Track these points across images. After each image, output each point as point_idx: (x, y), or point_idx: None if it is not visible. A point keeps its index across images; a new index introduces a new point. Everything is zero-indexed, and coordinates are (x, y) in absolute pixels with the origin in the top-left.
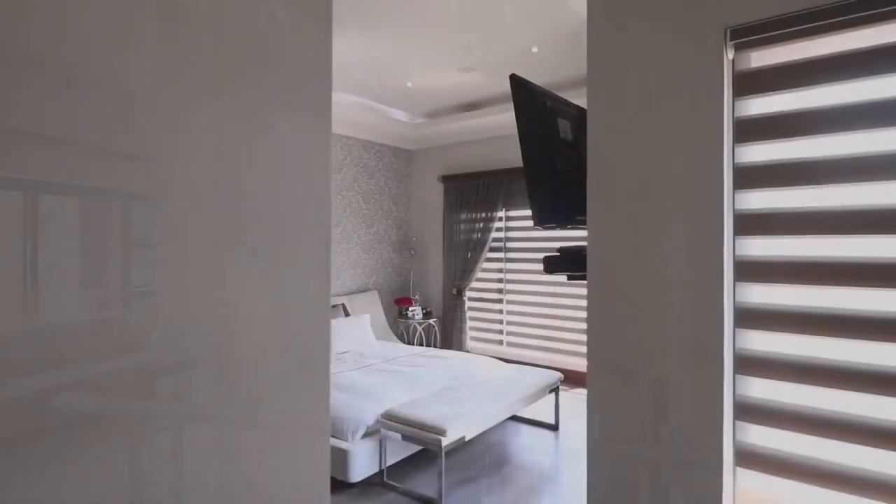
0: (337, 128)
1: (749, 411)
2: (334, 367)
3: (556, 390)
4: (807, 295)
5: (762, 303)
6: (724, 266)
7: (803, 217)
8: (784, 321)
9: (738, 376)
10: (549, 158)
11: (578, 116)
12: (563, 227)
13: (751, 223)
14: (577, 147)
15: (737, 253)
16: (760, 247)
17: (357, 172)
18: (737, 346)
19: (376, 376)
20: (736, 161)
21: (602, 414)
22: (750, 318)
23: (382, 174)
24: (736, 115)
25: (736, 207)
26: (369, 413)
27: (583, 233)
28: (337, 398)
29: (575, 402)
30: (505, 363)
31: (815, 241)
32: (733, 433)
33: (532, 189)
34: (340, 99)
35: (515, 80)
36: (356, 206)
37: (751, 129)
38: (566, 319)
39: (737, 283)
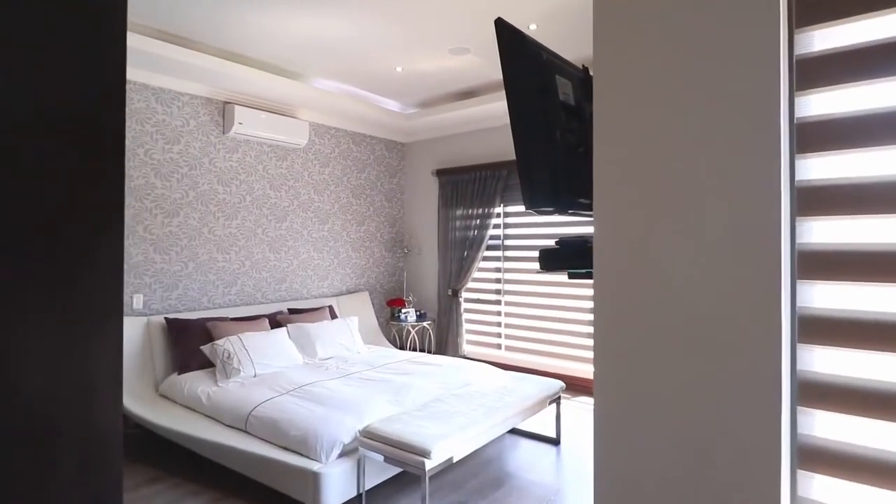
0: (325, 118)
1: (816, 458)
2: (313, 376)
3: (557, 401)
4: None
5: (835, 309)
6: (782, 258)
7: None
8: (870, 335)
9: (800, 409)
10: (546, 124)
11: (583, 79)
12: (562, 212)
13: (819, 200)
14: (581, 115)
15: (798, 241)
16: (832, 232)
17: (346, 166)
18: (798, 367)
19: (359, 386)
20: (797, 116)
21: (612, 432)
22: (817, 329)
23: (374, 168)
24: (797, 53)
25: (798, 179)
26: (347, 429)
27: (586, 221)
28: (311, 412)
29: (578, 412)
30: (502, 370)
31: None
32: (792, 486)
33: (524, 163)
34: (327, 87)
35: (502, 26)
36: (346, 201)
37: (818, 72)
38: (568, 322)
39: (798, 282)
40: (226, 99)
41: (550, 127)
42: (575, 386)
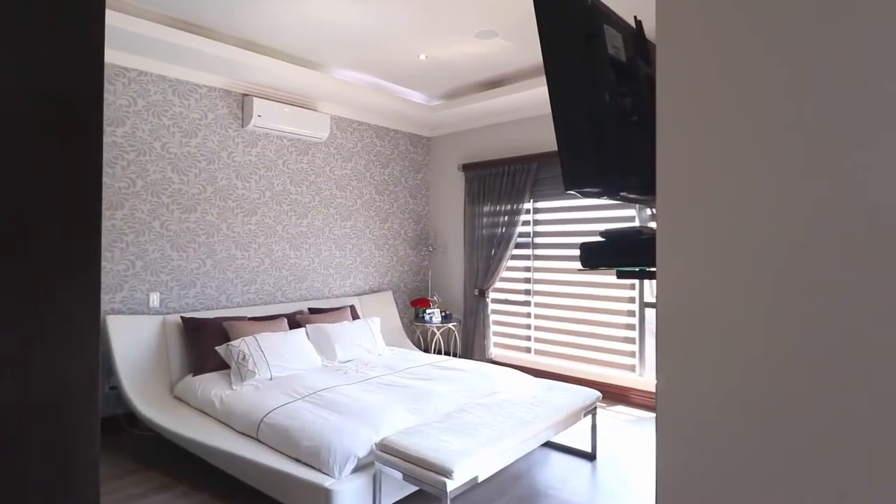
0: (347, 112)
1: None
2: (331, 381)
3: (593, 412)
4: None
5: None
6: None
7: None
8: None
9: None
10: (592, 83)
11: (636, 34)
12: (610, 194)
13: None
14: (634, 75)
15: None
16: None
17: (370, 161)
18: None
19: (377, 392)
20: None
21: (680, 452)
22: None
23: (398, 163)
24: None
25: None
26: (362, 441)
27: (629, 212)
28: (326, 420)
29: (616, 423)
30: (532, 377)
31: None
32: None
33: (563, 132)
34: (348, 77)
35: None
36: (368, 198)
37: None
38: (604, 325)
39: None
40: (244, 91)
41: (597, 87)
42: (611, 394)
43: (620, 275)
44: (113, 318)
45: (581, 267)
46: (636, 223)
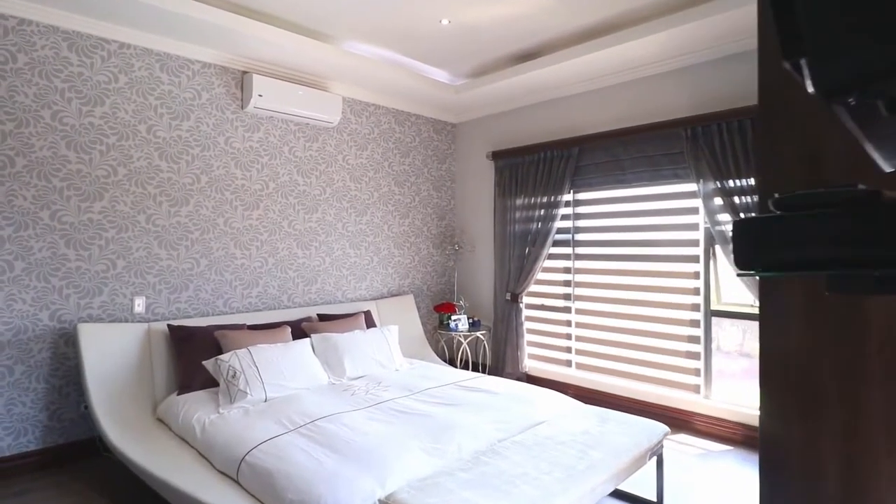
0: (361, 92)
1: None
2: (334, 405)
3: (659, 453)
4: None
5: None
6: None
7: None
8: None
9: None
10: None
11: None
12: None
13: None
14: None
15: None
16: None
17: (388, 149)
18: None
19: (389, 423)
20: None
21: None
22: None
23: (420, 152)
24: None
25: None
26: (362, 497)
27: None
28: (319, 464)
29: (680, 457)
30: (579, 402)
31: None
32: None
33: None
34: (362, 51)
35: None
36: (387, 190)
37: None
38: (660, 337)
39: None
40: (244, 68)
41: None
42: (669, 420)
43: (834, 285)
44: (85, 327)
45: (739, 271)
46: (701, 215)
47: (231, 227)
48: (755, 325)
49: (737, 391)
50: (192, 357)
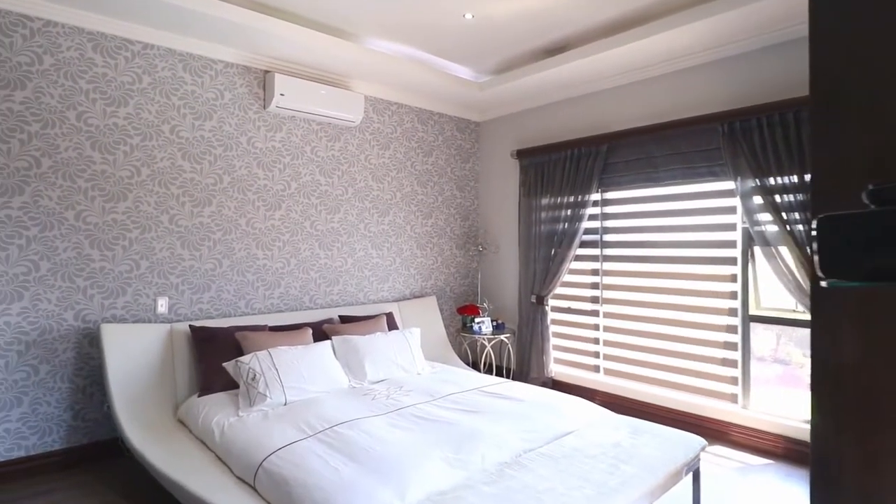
0: (383, 91)
1: None
2: (354, 410)
3: (696, 469)
4: None
5: None
6: None
7: None
8: None
9: None
10: None
11: None
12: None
13: None
14: None
15: None
16: None
17: (410, 149)
18: None
19: (410, 430)
20: None
21: None
22: None
23: (443, 151)
24: None
25: None
26: None
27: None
28: (337, 473)
29: (716, 471)
30: (609, 412)
31: None
32: None
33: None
34: (384, 48)
35: None
36: (409, 190)
37: None
38: (694, 343)
39: None
40: (266, 67)
41: None
42: (704, 430)
43: None
44: (109, 327)
45: (822, 277)
46: (738, 214)
47: (253, 228)
48: (790, 329)
49: (776, 400)
50: (214, 358)
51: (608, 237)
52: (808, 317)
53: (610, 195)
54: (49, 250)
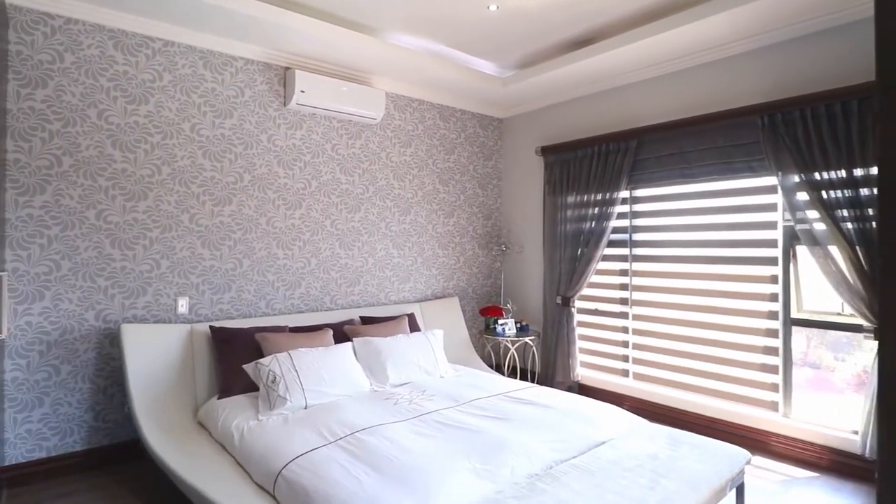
0: (405, 87)
1: None
2: (376, 416)
3: (740, 485)
4: None
5: None
6: None
7: None
8: None
9: None
10: None
11: None
12: None
13: None
14: None
15: None
16: None
17: (432, 146)
18: None
19: (435, 437)
20: None
21: None
22: None
23: (465, 149)
24: None
25: None
26: None
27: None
28: (359, 484)
29: (758, 483)
30: (643, 420)
31: None
32: None
33: None
34: (406, 43)
35: None
36: (431, 188)
37: None
38: (730, 348)
39: None
40: (286, 63)
41: None
42: (743, 440)
43: None
44: (129, 328)
45: None
46: (779, 211)
47: (273, 227)
48: (823, 332)
49: (818, 408)
50: (234, 360)
51: (638, 236)
52: (855, 320)
53: (640, 192)
54: (70, 250)
